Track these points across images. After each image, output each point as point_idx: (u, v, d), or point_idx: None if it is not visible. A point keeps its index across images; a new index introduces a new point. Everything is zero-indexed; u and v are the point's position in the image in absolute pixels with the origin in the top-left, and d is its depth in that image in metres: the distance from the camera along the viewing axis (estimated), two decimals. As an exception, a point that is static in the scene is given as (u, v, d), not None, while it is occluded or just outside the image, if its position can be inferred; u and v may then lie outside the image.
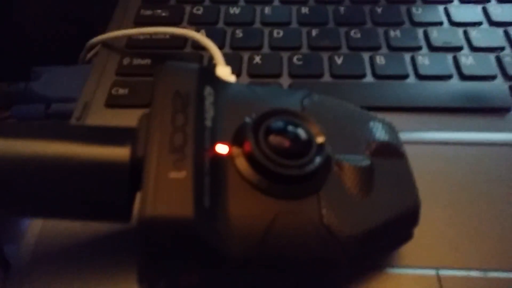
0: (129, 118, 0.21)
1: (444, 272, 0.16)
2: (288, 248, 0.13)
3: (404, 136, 0.19)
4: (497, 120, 0.21)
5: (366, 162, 0.15)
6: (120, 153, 0.14)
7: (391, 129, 0.16)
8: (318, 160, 0.13)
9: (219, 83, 0.16)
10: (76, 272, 0.16)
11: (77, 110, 0.22)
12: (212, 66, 0.20)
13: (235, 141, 0.14)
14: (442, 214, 0.18)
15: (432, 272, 0.16)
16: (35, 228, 0.17)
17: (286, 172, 0.13)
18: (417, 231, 0.16)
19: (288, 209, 0.13)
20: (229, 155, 0.14)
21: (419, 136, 0.20)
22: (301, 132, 0.14)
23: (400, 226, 0.15)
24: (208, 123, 0.14)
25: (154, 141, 0.13)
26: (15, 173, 0.13)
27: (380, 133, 0.16)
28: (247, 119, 0.14)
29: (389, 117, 0.21)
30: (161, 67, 0.15)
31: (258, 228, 0.13)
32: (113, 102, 0.22)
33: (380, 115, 0.21)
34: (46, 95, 0.24)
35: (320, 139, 0.14)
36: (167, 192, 0.12)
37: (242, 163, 0.14)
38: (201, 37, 0.21)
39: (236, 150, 0.14)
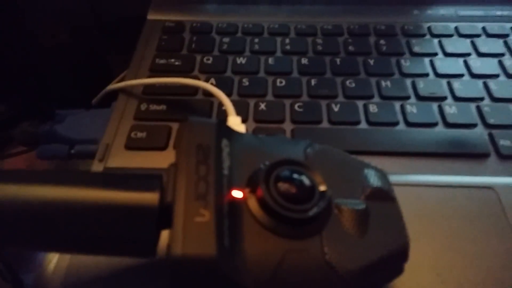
0: (147, 159, 0.24)
1: (431, 303, 0.18)
2: (295, 280, 0.15)
3: (394, 178, 0.21)
4: (477, 165, 0.23)
5: (362, 205, 0.17)
6: (150, 198, 0.16)
7: (383, 176, 0.19)
8: (320, 205, 0.16)
9: (233, 135, 0.18)
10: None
11: (99, 152, 0.24)
12: (224, 117, 0.23)
13: (248, 186, 0.16)
14: (429, 250, 0.20)
15: (421, 303, 0.18)
16: (65, 260, 0.19)
17: (293, 216, 0.15)
18: (407, 265, 0.18)
19: (295, 247, 0.15)
20: (244, 200, 0.16)
21: (407, 178, 0.23)
22: (306, 181, 0.16)
23: (392, 262, 0.17)
24: (225, 171, 0.16)
25: (181, 189, 0.15)
26: (57, 216, 0.16)
27: (373, 179, 0.18)
28: (260, 167, 0.17)
29: (380, 161, 0.23)
30: (185, 123, 0.17)
31: (269, 264, 0.15)
32: (132, 145, 0.24)
33: (373, 159, 0.23)
34: (70, 136, 0.26)
35: (322, 187, 0.16)
36: (193, 234, 0.14)
37: (254, 206, 0.16)
38: (214, 89, 0.24)
39: (249, 195, 0.16)
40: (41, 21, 0.38)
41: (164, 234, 0.16)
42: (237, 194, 0.16)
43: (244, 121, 0.26)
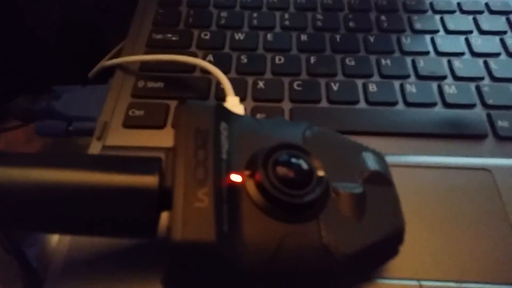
0: (145, 138, 0.24)
1: (425, 283, 0.19)
2: (293, 264, 0.16)
3: (391, 159, 0.22)
4: (474, 146, 0.23)
5: (359, 189, 0.17)
6: (150, 180, 0.16)
7: (381, 159, 0.19)
8: (318, 190, 0.16)
9: (232, 117, 0.18)
10: (105, 283, 0.18)
11: (97, 130, 0.24)
12: (222, 95, 0.23)
13: (247, 170, 0.17)
14: (424, 231, 0.20)
15: (415, 283, 0.19)
16: (65, 241, 0.20)
17: (291, 201, 0.16)
18: (402, 247, 0.18)
19: (293, 231, 0.16)
20: (242, 184, 0.16)
21: (404, 159, 0.23)
22: (304, 166, 0.16)
23: (388, 245, 0.17)
24: (224, 156, 0.16)
25: (180, 174, 0.15)
26: (58, 199, 0.16)
27: (371, 162, 0.18)
28: (259, 151, 0.17)
29: (378, 141, 0.23)
30: (182, 106, 0.17)
31: (267, 247, 0.15)
32: (130, 123, 0.24)
33: (371, 139, 0.23)
34: (67, 113, 0.26)
35: (320, 173, 0.16)
36: (193, 220, 0.14)
37: (253, 190, 0.16)
38: (212, 68, 0.23)
39: (248, 179, 0.16)
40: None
41: (164, 216, 0.16)
42: (235, 178, 0.16)
43: (242, 99, 0.25)
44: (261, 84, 0.26)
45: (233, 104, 0.21)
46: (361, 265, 0.17)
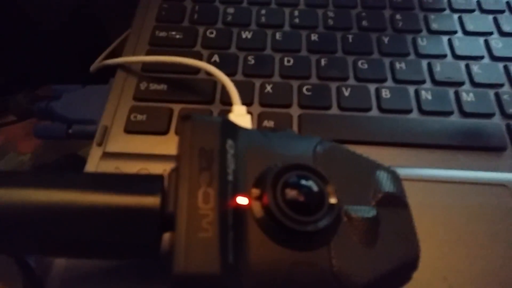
0: (148, 144, 0.23)
1: (437, 307, 0.18)
2: (301, 294, 0.15)
3: (403, 172, 0.21)
4: (492, 159, 0.22)
5: (372, 212, 0.16)
6: (152, 202, 0.15)
7: (396, 178, 0.18)
8: (329, 217, 0.15)
9: (238, 133, 0.17)
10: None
11: (98, 135, 0.23)
12: (227, 100, 0.22)
13: (254, 192, 0.16)
14: (435, 250, 0.19)
15: (426, 307, 0.18)
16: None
17: (300, 228, 0.15)
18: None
19: (302, 259, 0.15)
20: (249, 207, 0.15)
21: (418, 172, 0.22)
22: (316, 191, 0.15)
23: (401, 272, 0.16)
24: (230, 177, 0.15)
25: (183, 200, 0.14)
26: (56, 220, 0.15)
27: (385, 183, 0.17)
28: (267, 171, 0.16)
29: (391, 152, 0.22)
30: (186, 123, 0.16)
31: (275, 277, 0.15)
32: (132, 129, 0.23)
33: (383, 150, 0.22)
34: (67, 116, 0.25)
35: (333, 199, 0.15)
36: (196, 251, 0.13)
37: (260, 214, 0.15)
38: (219, 74, 0.22)
39: (255, 202, 0.15)
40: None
41: (167, 236, 0.16)
42: (242, 200, 0.15)
43: (249, 104, 0.24)
44: (268, 88, 0.25)
45: (240, 113, 0.20)
46: (373, 293, 0.16)
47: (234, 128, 0.17)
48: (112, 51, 0.32)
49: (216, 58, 0.26)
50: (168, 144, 0.23)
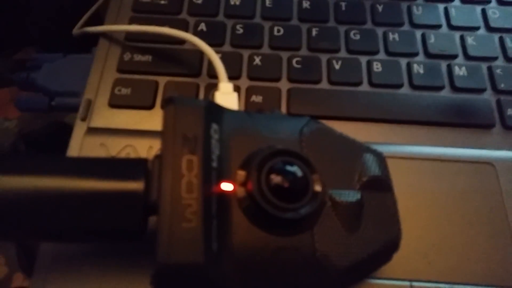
0: (133, 119, 0.23)
1: (416, 284, 0.19)
2: (286, 279, 0.15)
3: (392, 149, 0.21)
4: (480, 136, 0.22)
5: (357, 197, 0.16)
6: (136, 187, 0.15)
7: (382, 162, 0.18)
8: (313, 204, 0.15)
9: (223, 115, 0.17)
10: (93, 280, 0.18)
11: (82, 110, 0.23)
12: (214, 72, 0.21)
13: (239, 177, 0.16)
14: (418, 229, 0.20)
15: (406, 283, 0.19)
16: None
17: (283, 216, 0.15)
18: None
19: (285, 245, 0.15)
20: (234, 193, 0.15)
21: (405, 150, 0.22)
22: (300, 178, 0.15)
23: (383, 254, 0.17)
24: (214, 164, 0.15)
25: (167, 190, 0.14)
26: (42, 206, 0.15)
27: (371, 166, 0.17)
28: (252, 155, 0.16)
29: (379, 129, 0.22)
30: (169, 107, 0.16)
31: (259, 263, 0.15)
32: (116, 103, 0.23)
33: (371, 126, 0.22)
34: (49, 87, 0.24)
35: (317, 187, 0.15)
36: (180, 241, 0.13)
37: (244, 200, 0.15)
38: (206, 47, 0.21)
39: (239, 188, 0.15)
40: None
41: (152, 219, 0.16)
42: (226, 187, 0.15)
43: (237, 78, 0.24)
44: (257, 60, 0.24)
45: (226, 91, 0.20)
46: (355, 275, 0.17)
47: (219, 111, 0.17)
48: (95, 13, 0.31)
49: (203, 26, 0.25)
50: (154, 119, 0.23)
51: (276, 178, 0.15)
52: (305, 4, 0.26)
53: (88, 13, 0.30)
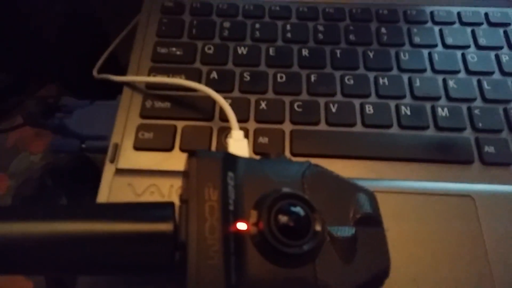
0: (155, 160, 0.26)
1: (405, 305, 0.22)
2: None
3: (381, 184, 0.24)
4: (460, 171, 0.25)
5: (351, 232, 0.19)
6: (166, 228, 0.18)
7: (373, 200, 0.21)
8: (315, 240, 0.18)
9: (237, 164, 0.20)
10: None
11: (110, 153, 0.26)
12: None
13: (252, 218, 0.19)
14: (405, 255, 0.23)
15: (396, 304, 0.22)
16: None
17: (290, 251, 0.18)
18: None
19: (292, 275, 0.18)
20: (247, 231, 0.18)
21: (393, 184, 0.25)
22: (303, 219, 0.18)
23: (376, 281, 0.20)
24: (231, 207, 0.18)
25: (193, 232, 0.17)
26: (90, 246, 0.18)
27: (363, 205, 0.20)
28: (262, 199, 0.19)
29: (371, 165, 0.25)
30: (192, 159, 0.19)
31: (269, 291, 0.18)
32: (140, 146, 0.26)
33: (364, 163, 0.25)
34: (80, 132, 0.27)
35: (317, 227, 0.18)
36: (205, 276, 0.16)
37: (256, 238, 0.18)
38: (219, 99, 0.24)
39: (252, 227, 0.18)
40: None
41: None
42: (241, 226, 0.18)
43: (245, 121, 0.27)
44: (263, 104, 0.27)
45: (238, 138, 0.23)
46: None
47: (234, 160, 0.20)
48: (112, 52, 0.34)
49: (214, 74, 0.29)
50: (174, 160, 0.26)
51: (283, 218, 0.18)
52: (304, 52, 0.30)
53: (104, 54, 0.33)
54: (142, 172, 0.25)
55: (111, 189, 0.24)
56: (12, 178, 0.37)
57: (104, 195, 0.24)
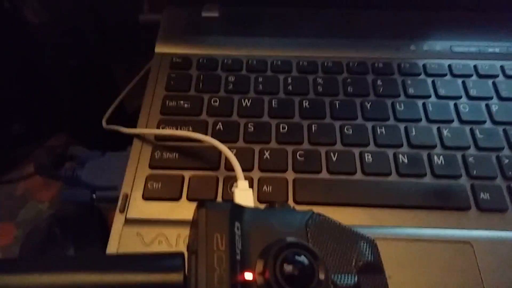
0: (163, 210, 0.27)
1: None
2: None
3: (384, 231, 0.24)
4: (458, 218, 0.26)
5: (354, 280, 0.20)
6: (176, 278, 0.19)
7: (374, 248, 0.22)
8: (319, 289, 0.19)
9: (243, 214, 0.21)
10: None
11: (120, 203, 0.27)
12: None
13: (258, 267, 0.19)
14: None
15: None
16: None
17: (295, 300, 0.18)
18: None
19: (296, 323, 0.19)
20: (254, 280, 0.19)
21: (394, 232, 0.26)
22: (308, 268, 0.19)
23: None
24: (238, 257, 0.19)
25: (203, 282, 0.18)
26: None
27: (365, 253, 0.21)
28: (268, 250, 0.20)
29: (372, 213, 0.26)
30: (201, 210, 0.20)
31: None
32: (149, 196, 0.27)
33: (365, 211, 0.26)
34: (91, 182, 0.28)
35: (321, 276, 0.19)
36: (215, 326, 0.17)
37: (263, 287, 0.19)
38: (226, 150, 0.26)
39: (258, 277, 0.19)
40: (53, 47, 0.39)
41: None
42: (248, 276, 0.19)
43: (250, 170, 0.28)
44: (267, 154, 0.29)
45: (243, 188, 0.24)
46: None
47: (240, 210, 0.21)
48: (121, 101, 0.36)
49: (220, 125, 0.30)
50: (181, 209, 0.27)
51: (288, 268, 0.19)
52: (305, 104, 0.31)
53: (112, 105, 0.35)
54: (151, 222, 0.26)
55: (121, 238, 0.25)
56: (20, 227, 0.38)
57: (114, 244, 0.25)
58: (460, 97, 0.32)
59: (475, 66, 0.34)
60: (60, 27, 0.35)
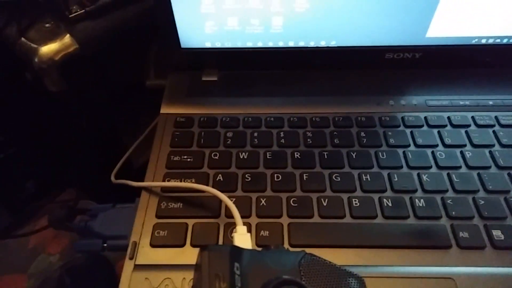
0: (169, 256, 0.29)
1: None
2: None
3: (369, 270, 0.27)
4: (440, 256, 0.28)
5: (343, 315, 0.22)
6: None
7: (362, 285, 0.24)
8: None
9: (241, 255, 0.23)
10: None
11: (130, 250, 0.29)
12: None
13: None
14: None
15: None
16: None
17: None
18: None
19: None
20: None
21: (380, 270, 0.28)
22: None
23: None
24: (238, 294, 0.22)
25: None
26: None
27: (353, 288, 0.23)
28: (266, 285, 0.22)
29: (360, 254, 0.28)
30: (204, 252, 0.22)
31: None
32: (156, 243, 0.29)
33: (354, 252, 0.28)
34: (102, 233, 0.31)
35: (313, 309, 0.21)
36: None
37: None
38: (225, 198, 0.29)
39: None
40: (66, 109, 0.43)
41: None
42: (247, 313, 0.21)
43: (248, 217, 0.31)
44: (263, 201, 0.31)
45: (242, 232, 0.27)
46: None
47: (239, 252, 0.24)
48: (127, 158, 0.40)
49: (220, 177, 0.33)
50: (185, 254, 0.29)
51: (283, 304, 0.21)
52: (297, 155, 0.35)
53: (120, 161, 0.38)
54: (158, 267, 0.28)
55: (130, 283, 0.27)
56: (31, 278, 0.40)
57: (124, 289, 0.27)
58: (437, 146, 0.35)
59: (448, 118, 0.37)
60: (75, 94, 0.39)
